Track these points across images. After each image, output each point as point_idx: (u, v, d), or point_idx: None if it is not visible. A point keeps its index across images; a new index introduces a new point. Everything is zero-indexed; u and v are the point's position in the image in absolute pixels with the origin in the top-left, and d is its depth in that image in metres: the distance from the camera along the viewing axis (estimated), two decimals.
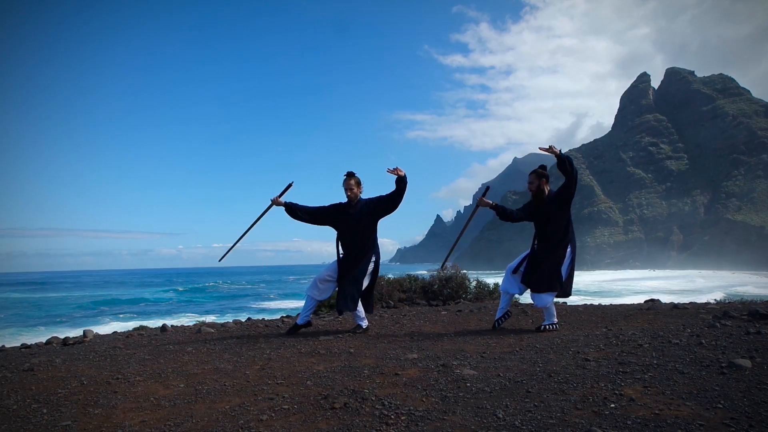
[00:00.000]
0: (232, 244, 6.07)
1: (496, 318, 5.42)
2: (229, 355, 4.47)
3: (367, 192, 5.59)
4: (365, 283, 5.44)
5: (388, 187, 5.47)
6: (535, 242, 5.37)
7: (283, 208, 5.52)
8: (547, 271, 5.11)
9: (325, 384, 3.28)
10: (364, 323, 5.54)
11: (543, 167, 5.42)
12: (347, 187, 5.44)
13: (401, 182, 5.27)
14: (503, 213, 5.36)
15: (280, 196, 5.51)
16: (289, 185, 5.55)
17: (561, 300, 5.52)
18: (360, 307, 5.52)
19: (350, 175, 5.46)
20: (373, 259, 5.47)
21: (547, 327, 5.11)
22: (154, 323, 9.13)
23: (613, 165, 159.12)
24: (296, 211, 5.50)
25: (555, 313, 5.22)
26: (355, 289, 5.33)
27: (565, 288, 5.13)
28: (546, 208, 5.23)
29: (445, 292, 9.46)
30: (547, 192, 5.30)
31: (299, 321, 5.61)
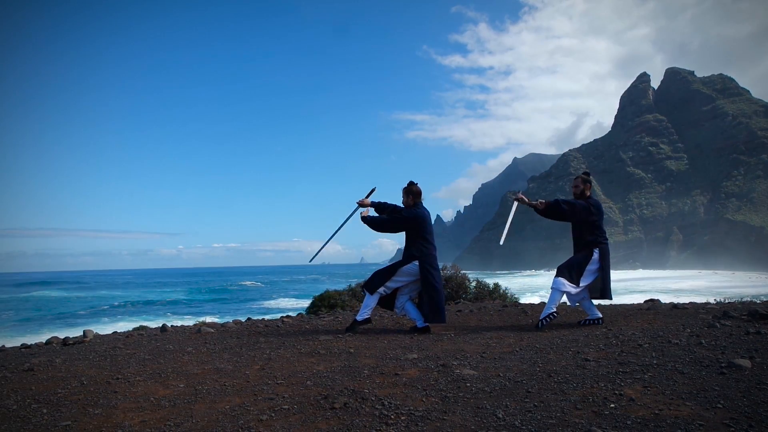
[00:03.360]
0: (320, 247, 6.16)
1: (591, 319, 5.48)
2: (229, 355, 4.47)
3: (359, 191, 5.70)
4: (395, 279, 5.51)
5: (386, 186, 5.57)
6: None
7: (371, 207, 5.68)
8: (569, 261, 5.40)
9: (325, 384, 3.28)
10: (360, 315, 5.58)
11: (587, 173, 5.74)
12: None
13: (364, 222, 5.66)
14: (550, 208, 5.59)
15: (366, 197, 5.70)
16: (373, 190, 5.77)
17: (570, 302, 5.54)
18: (369, 298, 5.56)
19: (407, 184, 5.69)
20: (414, 263, 5.48)
21: (543, 322, 5.21)
22: (155, 323, 9.13)
23: (613, 165, 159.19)
24: (376, 215, 5.66)
25: (557, 302, 5.28)
26: (379, 274, 5.56)
27: (602, 290, 5.37)
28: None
29: (445, 292, 9.46)
30: (587, 197, 5.55)
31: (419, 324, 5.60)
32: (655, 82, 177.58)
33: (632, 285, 54.54)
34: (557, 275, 5.31)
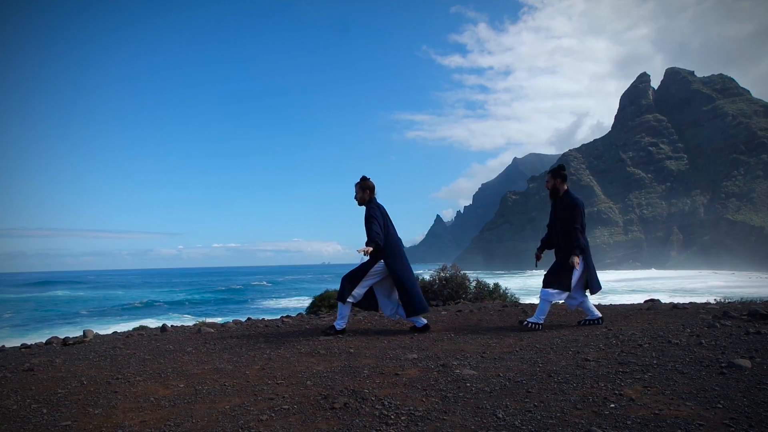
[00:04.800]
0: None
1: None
2: (229, 355, 4.47)
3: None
4: (363, 282, 5.36)
5: (386, 186, 5.65)
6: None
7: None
8: (554, 268, 5.29)
9: (325, 384, 3.28)
10: (338, 324, 5.43)
11: (561, 167, 5.54)
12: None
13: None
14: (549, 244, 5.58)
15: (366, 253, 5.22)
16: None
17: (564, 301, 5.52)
18: (343, 307, 5.42)
19: (360, 179, 5.54)
20: (382, 262, 5.38)
21: (529, 324, 5.17)
22: (155, 323, 9.13)
23: (613, 165, 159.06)
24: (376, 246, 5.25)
25: (546, 312, 5.23)
26: (347, 281, 5.36)
27: (590, 285, 5.33)
28: (557, 207, 5.38)
29: (445, 292, 9.46)
30: (562, 192, 5.39)
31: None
32: (655, 82, 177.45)
33: (632, 285, 54.54)
34: (545, 286, 5.23)
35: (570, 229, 5.22)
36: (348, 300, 5.36)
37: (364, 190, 5.47)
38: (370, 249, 5.14)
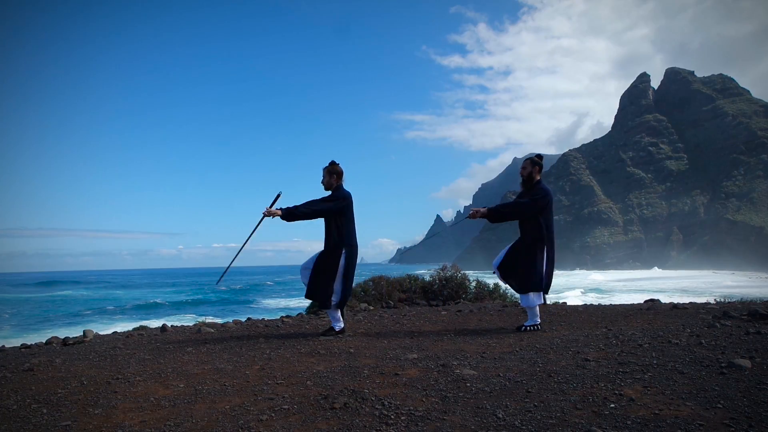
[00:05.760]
0: (227, 266, 5.69)
1: None
2: (229, 355, 4.47)
3: (359, 190, 5.60)
4: (337, 281, 5.23)
5: (386, 186, 5.61)
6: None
7: (279, 216, 5.14)
8: (527, 270, 5.15)
9: (325, 384, 3.28)
10: (335, 326, 5.39)
11: (539, 156, 5.48)
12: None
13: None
14: (495, 215, 5.34)
15: (272, 206, 5.17)
16: (278, 195, 5.26)
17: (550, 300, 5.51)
18: (331, 312, 5.36)
19: (329, 164, 5.39)
20: (344, 253, 5.25)
21: (528, 327, 5.12)
22: (155, 323, 9.13)
23: (613, 165, 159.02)
24: (295, 213, 5.16)
25: (537, 314, 5.20)
26: (325, 284, 5.22)
27: (545, 286, 5.21)
28: (525, 195, 5.32)
29: (445, 292, 9.46)
30: (535, 181, 5.33)
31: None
32: (655, 82, 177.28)
33: (632, 285, 54.52)
34: (528, 290, 5.13)
35: (522, 204, 5.12)
36: (333, 303, 5.26)
37: (332, 175, 5.33)
38: (279, 213, 5.05)
